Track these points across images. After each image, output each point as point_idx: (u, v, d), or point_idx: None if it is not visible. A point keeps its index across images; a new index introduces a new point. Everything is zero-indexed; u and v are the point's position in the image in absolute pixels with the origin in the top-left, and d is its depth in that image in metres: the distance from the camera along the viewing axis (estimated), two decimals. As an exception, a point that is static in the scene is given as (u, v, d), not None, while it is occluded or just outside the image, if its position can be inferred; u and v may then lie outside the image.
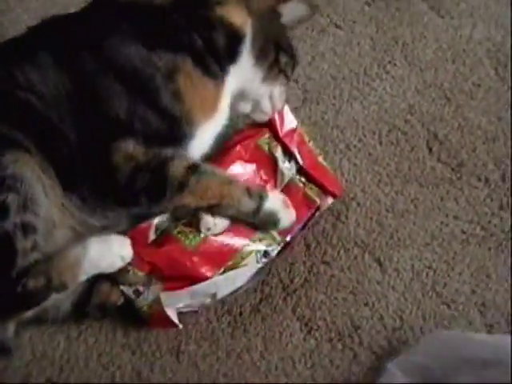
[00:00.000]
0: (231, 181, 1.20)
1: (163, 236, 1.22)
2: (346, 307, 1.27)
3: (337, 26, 1.64)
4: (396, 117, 1.49)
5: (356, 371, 1.22)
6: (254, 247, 1.24)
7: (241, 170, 1.27)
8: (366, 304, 1.28)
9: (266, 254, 1.25)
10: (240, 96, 1.27)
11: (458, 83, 1.55)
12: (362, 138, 1.45)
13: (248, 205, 1.19)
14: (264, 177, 1.29)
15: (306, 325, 1.26)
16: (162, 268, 1.19)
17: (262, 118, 1.32)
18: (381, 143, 1.45)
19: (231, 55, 1.21)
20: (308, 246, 1.32)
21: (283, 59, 1.27)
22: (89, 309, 1.23)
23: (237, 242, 1.23)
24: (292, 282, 1.29)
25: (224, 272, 1.21)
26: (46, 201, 1.11)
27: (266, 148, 1.30)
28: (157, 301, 1.19)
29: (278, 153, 1.31)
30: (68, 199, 1.15)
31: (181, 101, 1.15)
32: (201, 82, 1.17)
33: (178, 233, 1.21)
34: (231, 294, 1.25)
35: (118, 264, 1.15)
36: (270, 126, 1.32)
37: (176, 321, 1.23)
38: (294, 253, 1.31)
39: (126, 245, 1.15)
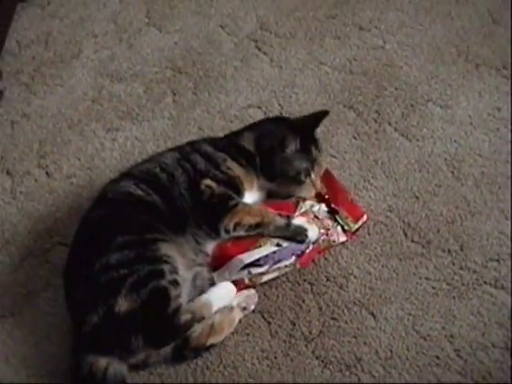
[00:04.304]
0: (265, 208, 1.87)
1: None
2: (351, 347, 1.73)
3: (332, 156, 2.12)
4: (379, 214, 1.96)
5: (361, 390, 1.67)
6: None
7: None
8: (365, 343, 1.74)
9: (278, 244, 1.81)
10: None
11: (423, 186, 2.01)
12: (355, 232, 1.95)
13: (281, 221, 1.83)
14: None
15: (323, 361, 1.72)
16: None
17: (310, 194, 1.94)
18: (369, 234, 1.93)
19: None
20: (320, 308, 1.80)
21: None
22: (186, 352, 1.72)
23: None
24: (310, 333, 1.77)
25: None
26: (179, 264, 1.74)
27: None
28: None
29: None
30: (186, 242, 1.81)
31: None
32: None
33: None
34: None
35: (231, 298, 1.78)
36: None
37: None
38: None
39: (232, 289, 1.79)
